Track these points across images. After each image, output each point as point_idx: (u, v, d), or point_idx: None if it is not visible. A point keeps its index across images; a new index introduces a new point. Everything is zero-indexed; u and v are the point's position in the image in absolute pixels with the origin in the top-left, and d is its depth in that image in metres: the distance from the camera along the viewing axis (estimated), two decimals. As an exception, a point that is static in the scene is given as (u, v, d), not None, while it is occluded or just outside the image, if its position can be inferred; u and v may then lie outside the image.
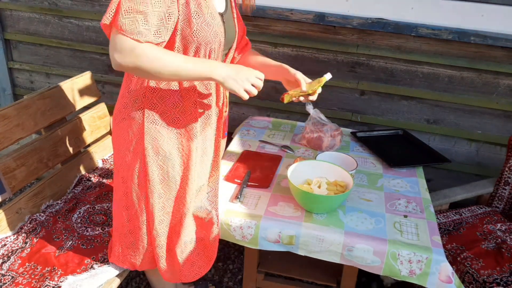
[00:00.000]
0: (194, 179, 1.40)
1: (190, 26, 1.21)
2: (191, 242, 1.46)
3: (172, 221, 1.43)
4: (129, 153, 1.35)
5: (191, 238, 1.45)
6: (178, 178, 1.38)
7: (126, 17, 1.12)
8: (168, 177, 1.36)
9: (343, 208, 1.49)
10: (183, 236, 1.42)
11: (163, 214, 1.40)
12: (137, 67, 1.16)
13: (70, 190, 1.91)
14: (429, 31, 2.12)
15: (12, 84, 2.93)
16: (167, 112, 1.32)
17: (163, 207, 1.39)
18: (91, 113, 2.10)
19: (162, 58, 1.16)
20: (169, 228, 1.44)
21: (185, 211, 1.40)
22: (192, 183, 1.39)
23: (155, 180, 1.35)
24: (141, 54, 1.14)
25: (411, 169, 1.79)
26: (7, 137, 1.64)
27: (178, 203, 1.41)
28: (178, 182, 1.38)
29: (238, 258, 2.22)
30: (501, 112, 2.24)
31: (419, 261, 1.31)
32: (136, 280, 2.04)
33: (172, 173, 1.36)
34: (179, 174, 1.38)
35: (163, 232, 1.42)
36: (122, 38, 1.13)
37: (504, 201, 1.96)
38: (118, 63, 1.16)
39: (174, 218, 1.43)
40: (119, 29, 1.12)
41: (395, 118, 2.38)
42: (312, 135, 1.88)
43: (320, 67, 2.35)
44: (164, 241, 1.44)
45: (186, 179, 1.38)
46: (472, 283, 1.54)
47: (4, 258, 1.49)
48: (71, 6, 2.58)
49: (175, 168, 1.36)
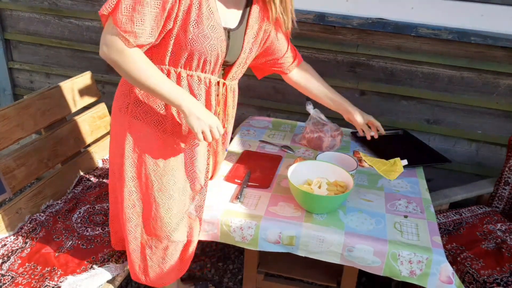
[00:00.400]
0: (172, 182, 1.39)
1: (186, 34, 1.22)
2: (176, 244, 1.45)
3: (143, 220, 1.43)
4: (118, 147, 1.38)
5: (177, 240, 1.44)
6: (151, 179, 1.37)
7: (124, 14, 1.12)
8: (140, 176, 1.37)
9: (344, 208, 1.49)
10: (167, 238, 1.42)
11: (132, 212, 1.40)
12: (119, 66, 1.19)
13: (70, 190, 1.91)
14: (429, 31, 2.12)
15: (12, 84, 2.93)
16: (150, 112, 1.33)
17: (133, 205, 1.40)
18: (91, 113, 2.10)
19: (145, 69, 1.19)
20: (144, 228, 1.43)
21: (166, 213, 1.40)
22: (171, 186, 1.38)
23: (128, 177, 1.36)
24: (127, 58, 1.17)
25: (411, 169, 1.79)
26: (7, 137, 1.64)
27: (151, 205, 1.40)
28: (154, 183, 1.38)
29: (238, 258, 2.22)
30: (501, 112, 2.24)
31: (420, 261, 1.31)
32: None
33: (144, 173, 1.36)
34: (151, 176, 1.37)
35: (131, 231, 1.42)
36: (114, 35, 1.15)
37: (504, 201, 1.96)
38: (103, 54, 1.19)
39: (147, 219, 1.42)
40: (115, 23, 1.13)
41: (395, 118, 2.38)
42: (312, 135, 1.88)
43: (320, 67, 2.34)
44: (134, 240, 1.43)
45: (160, 182, 1.37)
46: (472, 283, 1.54)
47: (4, 258, 1.49)
48: (71, 6, 2.58)
49: (147, 169, 1.36)
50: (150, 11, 1.14)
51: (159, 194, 1.37)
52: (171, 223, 1.41)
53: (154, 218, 1.40)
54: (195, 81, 1.32)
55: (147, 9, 1.13)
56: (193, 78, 1.32)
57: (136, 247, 1.44)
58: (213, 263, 2.19)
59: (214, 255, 2.23)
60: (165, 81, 1.22)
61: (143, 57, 1.20)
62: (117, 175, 1.41)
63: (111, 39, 1.15)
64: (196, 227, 1.44)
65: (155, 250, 1.44)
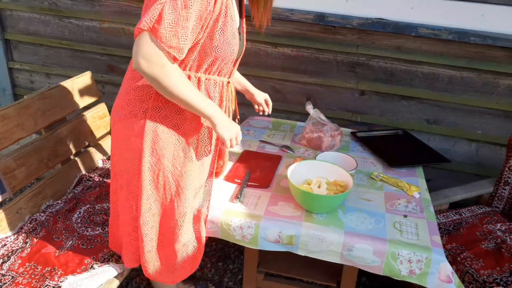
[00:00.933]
0: (188, 185, 1.40)
1: (212, 41, 1.24)
2: (188, 244, 1.46)
3: (161, 223, 1.43)
4: (128, 151, 1.36)
5: (189, 240, 1.45)
6: (170, 181, 1.38)
7: (168, 29, 1.12)
8: (158, 180, 1.37)
9: (343, 208, 1.49)
10: (180, 238, 1.42)
11: (149, 215, 1.40)
12: (159, 81, 1.18)
13: (70, 190, 1.91)
14: (429, 31, 2.12)
15: (12, 84, 2.93)
16: (169, 117, 1.33)
17: (150, 209, 1.39)
18: (91, 113, 2.10)
19: (183, 85, 1.22)
20: (159, 230, 1.44)
21: (180, 215, 1.40)
22: (187, 189, 1.39)
23: (146, 181, 1.36)
24: (168, 72, 1.17)
25: (411, 169, 1.79)
26: (7, 137, 1.64)
27: (168, 208, 1.41)
28: (172, 186, 1.38)
29: (238, 258, 2.22)
30: (501, 112, 2.24)
31: (419, 260, 1.31)
32: (136, 280, 2.05)
33: (162, 177, 1.36)
34: (169, 179, 1.37)
35: (147, 233, 1.42)
36: (156, 49, 1.14)
37: (504, 201, 1.96)
38: (141, 69, 1.16)
39: (165, 222, 1.43)
40: (159, 38, 1.12)
41: (395, 118, 2.38)
42: (312, 135, 1.88)
43: (320, 67, 2.35)
44: (150, 241, 1.43)
45: (178, 185, 1.38)
46: (472, 283, 1.54)
47: (4, 258, 1.49)
48: (71, 6, 2.58)
49: (165, 172, 1.36)
50: (192, 25, 1.15)
51: (176, 198, 1.39)
52: (184, 224, 1.42)
53: (169, 220, 1.41)
54: (212, 84, 1.36)
55: (190, 23, 1.14)
56: (210, 82, 1.36)
57: (151, 248, 1.44)
58: (213, 263, 2.19)
59: (214, 255, 2.23)
60: (198, 95, 1.26)
61: (181, 72, 1.22)
62: (126, 180, 1.40)
63: (152, 54, 1.14)
64: (203, 225, 1.46)
65: (168, 249, 1.45)
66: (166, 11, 1.10)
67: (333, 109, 2.44)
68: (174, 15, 1.11)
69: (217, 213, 1.45)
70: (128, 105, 1.33)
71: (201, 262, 2.17)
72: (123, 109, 1.34)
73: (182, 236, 1.42)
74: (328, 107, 2.43)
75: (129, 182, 1.39)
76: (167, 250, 1.45)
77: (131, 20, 2.51)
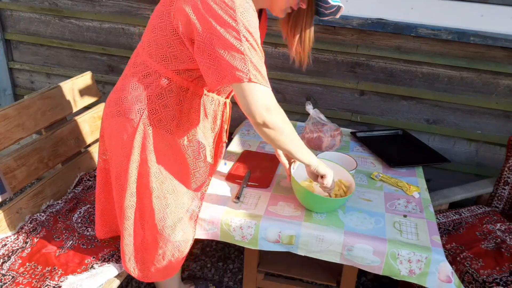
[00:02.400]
0: (171, 190, 1.40)
1: None
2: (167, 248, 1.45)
3: (142, 222, 1.43)
4: (118, 148, 1.36)
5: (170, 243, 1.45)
6: (151, 186, 1.37)
7: (256, 72, 1.15)
8: (142, 180, 1.36)
9: (343, 208, 1.49)
10: (160, 242, 1.43)
11: (130, 212, 1.40)
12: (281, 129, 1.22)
13: (71, 190, 1.91)
14: (428, 31, 2.12)
15: (13, 84, 2.93)
16: (163, 121, 1.33)
17: (132, 206, 1.40)
18: (91, 113, 2.10)
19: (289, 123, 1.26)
20: (141, 228, 1.44)
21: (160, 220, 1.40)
22: (170, 194, 1.39)
23: (131, 178, 1.36)
24: (281, 111, 1.23)
25: (410, 169, 1.79)
26: (7, 137, 1.64)
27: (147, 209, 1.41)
28: (153, 191, 1.37)
29: (238, 258, 2.22)
30: (501, 112, 2.24)
31: (419, 260, 1.31)
32: (136, 280, 2.05)
33: (145, 179, 1.36)
34: (153, 183, 1.37)
35: (126, 228, 1.42)
36: (267, 96, 1.16)
37: (504, 201, 1.96)
38: (265, 120, 1.18)
39: (145, 222, 1.42)
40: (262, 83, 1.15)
41: (394, 118, 2.39)
42: (312, 135, 1.88)
43: (320, 67, 2.35)
44: (129, 236, 1.43)
45: (161, 189, 1.38)
46: (471, 283, 1.54)
47: (5, 258, 1.50)
48: (71, 6, 2.58)
49: (151, 176, 1.35)
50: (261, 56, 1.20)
51: (156, 201, 1.38)
52: (166, 226, 1.41)
53: (149, 221, 1.41)
54: (209, 101, 1.40)
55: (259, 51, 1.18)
56: (208, 98, 1.39)
57: (129, 242, 1.44)
58: (213, 262, 2.19)
59: (214, 255, 2.24)
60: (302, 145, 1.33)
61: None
62: (115, 174, 1.40)
63: (268, 101, 1.17)
64: (193, 226, 1.46)
65: (149, 247, 1.45)
66: (249, 55, 1.13)
67: (333, 109, 2.44)
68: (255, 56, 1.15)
69: (217, 213, 1.45)
70: (123, 102, 1.32)
71: (201, 262, 2.18)
72: (117, 105, 1.33)
73: (161, 241, 1.42)
74: (328, 107, 2.43)
75: (117, 175, 1.39)
76: (148, 250, 1.45)
77: (131, 20, 2.52)
